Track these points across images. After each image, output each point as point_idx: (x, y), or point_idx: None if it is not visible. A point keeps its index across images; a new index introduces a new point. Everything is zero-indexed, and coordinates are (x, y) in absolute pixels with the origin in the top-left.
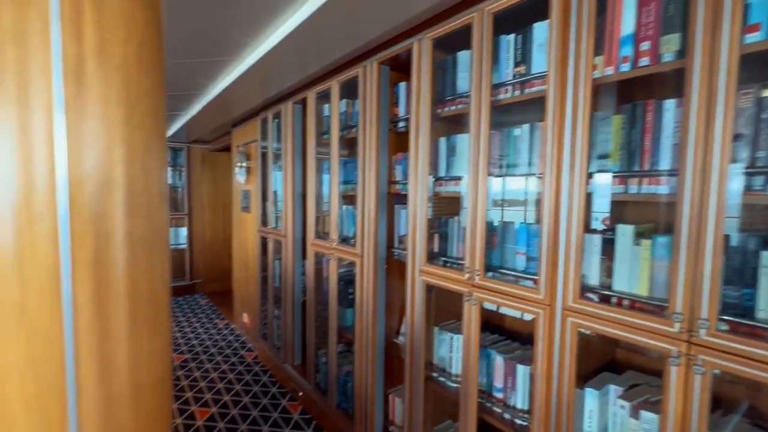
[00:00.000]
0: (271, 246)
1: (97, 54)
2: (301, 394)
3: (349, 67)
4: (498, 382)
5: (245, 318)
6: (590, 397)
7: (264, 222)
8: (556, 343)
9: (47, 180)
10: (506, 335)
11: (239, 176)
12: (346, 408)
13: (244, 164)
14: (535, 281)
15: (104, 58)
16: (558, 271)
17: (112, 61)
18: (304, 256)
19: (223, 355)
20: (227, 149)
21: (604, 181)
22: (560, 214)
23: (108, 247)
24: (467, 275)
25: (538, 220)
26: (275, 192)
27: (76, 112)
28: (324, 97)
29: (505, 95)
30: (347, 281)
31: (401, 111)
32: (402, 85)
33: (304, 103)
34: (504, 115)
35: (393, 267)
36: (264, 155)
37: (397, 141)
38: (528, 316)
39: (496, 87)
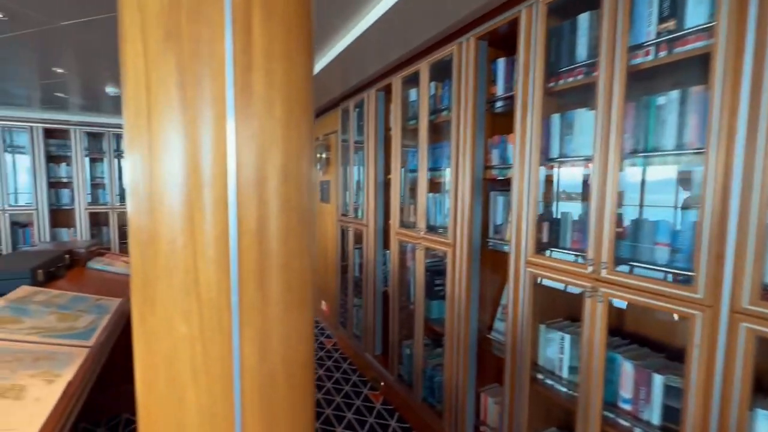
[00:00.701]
0: (351, 236)
1: (262, 3)
2: (382, 384)
3: (441, 46)
4: (625, 392)
5: (323, 306)
6: (765, 420)
7: (344, 212)
8: (719, 353)
9: (216, 139)
10: (629, 338)
11: (318, 168)
12: (432, 403)
13: (324, 155)
14: (690, 277)
15: (269, 7)
16: (725, 266)
17: (275, 11)
18: (384, 245)
19: None
20: None
21: None
22: (730, 197)
23: (268, 214)
24: (590, 268)
25: (693, 205)
26: (356, 182)
27: (243, 66)
28: (409, 81)
29: (645, 58)
30: (433, 272)
31: (499, 90)
32: (501, 61)
33: (386, 89)
34: (638, 83)
35: (486, 257)
36: (344, 145)
37: (494, 123)
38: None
39: (631, 50)
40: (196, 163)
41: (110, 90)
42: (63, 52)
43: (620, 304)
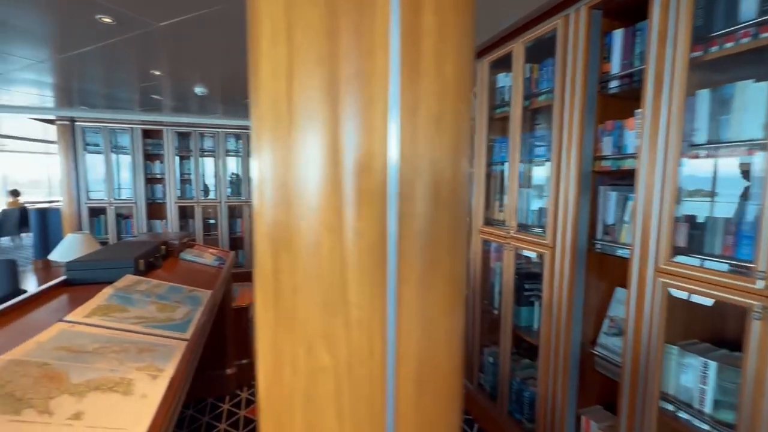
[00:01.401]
0: None
1: None
2: None
3: (540, 21)
4: None
5: None
6: None
7: None
8: None
9: (371, 105)
10: None
11: None
12: (519, 419)
13: None
14: None
15: None
16: None
17: None
18: None
19: None
20: None
21: None
22: None
23: (433, 209)
24: (761, 283)
25: None
26: None
27: (411, 4)
28: (498, 65)
29: None
30: (521, 275)
31: (614, 67)
32: (617, 33)
33: None
34: None
35: (591, 262)
36: None
37: (605, 106)
38: None
39: None
40: (344, 136)
41: (198, 90)
42: (159, 54)
43: None
